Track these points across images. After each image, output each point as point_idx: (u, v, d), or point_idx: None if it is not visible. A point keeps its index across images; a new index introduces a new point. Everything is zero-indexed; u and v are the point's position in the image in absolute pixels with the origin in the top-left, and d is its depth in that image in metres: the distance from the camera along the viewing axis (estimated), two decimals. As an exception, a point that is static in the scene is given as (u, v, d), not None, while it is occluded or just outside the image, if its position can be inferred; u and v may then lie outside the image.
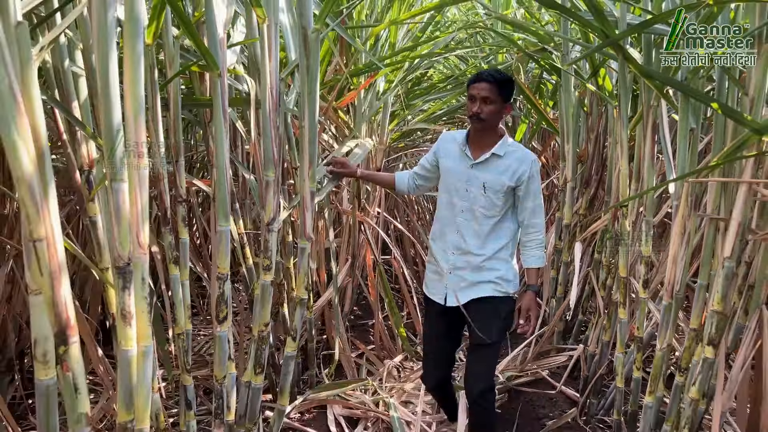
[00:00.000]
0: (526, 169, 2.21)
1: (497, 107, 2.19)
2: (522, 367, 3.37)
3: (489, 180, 2.23)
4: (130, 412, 1.19)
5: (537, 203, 2.27)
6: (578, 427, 2.85)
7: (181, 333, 2.01)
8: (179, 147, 2.11)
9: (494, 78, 2.17)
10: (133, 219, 1.16)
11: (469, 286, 2.29)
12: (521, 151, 2.27)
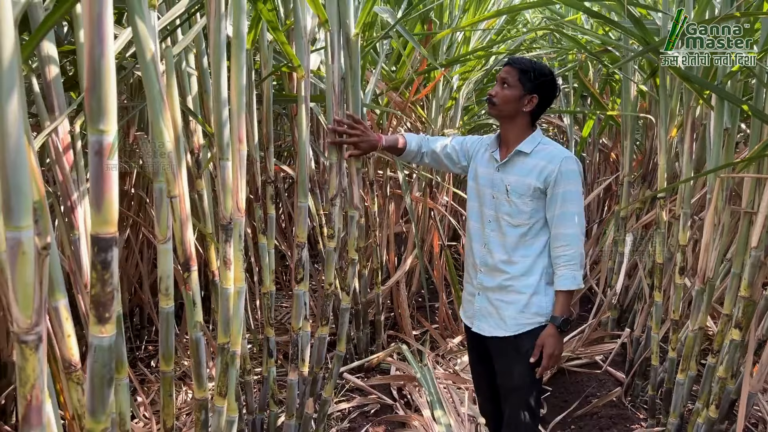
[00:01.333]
0: (554, 168, 1.89)
1: (514, 93, 1.91)
2: (574, 349, 3.58)
3: (513, 182, 1.95)
4: (226, 336, 1.57)
5: (566, 210, 1.89)
6: (622, 405, 3.05)
7: (266, 293, 2.39)
8: (270, 136, 2.50)
9: (517, 62, 1.95)
10: (234, 189, 1.53)
11: (492, 315, 2.02)
12: (553, 148, 1.96)
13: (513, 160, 1.97)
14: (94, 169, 0.86)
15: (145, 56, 1.18)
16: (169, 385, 1.56)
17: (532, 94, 1.92)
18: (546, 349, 1.89)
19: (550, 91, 1.97)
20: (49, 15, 1.05)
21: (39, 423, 0.86)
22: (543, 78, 1.93)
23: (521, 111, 1.94)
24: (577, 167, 1.93)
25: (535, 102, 1.94)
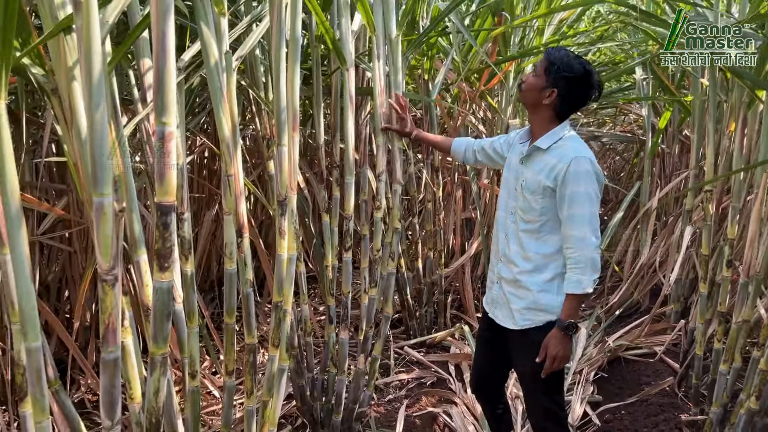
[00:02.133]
0: (563, 168, 1.84)
1: (538, 83, 1.90)
2: (634, 339, 3.62)
3: (528, 178, 1.94)
4: (280, 295, 1.83)
5: (573, 212, 1.85)
6: (673, 394, 3.08)
7: (328, 265, 2.66)
8: (336, 124, 2.75)
9: (550, 53, 1.93)
10: (289, 170, 1.78)
11: (504, 306, 2.06)
12: (569, 146, 1.90)
13: (532, 155, 1.96)
14: (158, 152, 1.13)
15: (210, 60, 1.45)
16: (231, 335, 1.85)
17: (552, 88, 1.88)
18: (549, 351, 1.89)
19: (575, 89, 1.90)
20: (134, 29, 1.33)
21: (114, 342, 1.14)
22: (565, 74, 1.86)
23: (542, 103, 1.91)
24: (588, 167, 1.85)
25: (554, 97, 1.89)
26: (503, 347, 2.13)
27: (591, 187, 1.85)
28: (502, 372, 2.30)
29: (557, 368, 1.92)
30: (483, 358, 2.29)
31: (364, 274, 2.63)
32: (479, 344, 2.35)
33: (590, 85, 1.93)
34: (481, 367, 2.31)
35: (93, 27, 1.03)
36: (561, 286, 1.93)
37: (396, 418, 2.88)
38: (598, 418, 2.97)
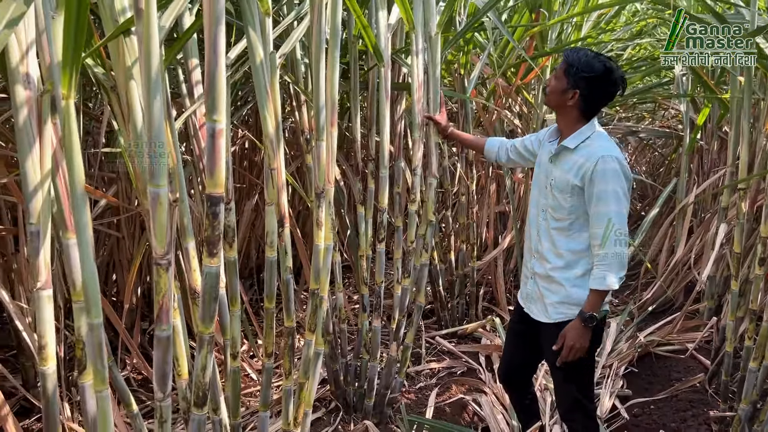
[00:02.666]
0: (590, 167, 1.89)
1: (560, 86, 1.94)
2: (665, 335, 3.62)
3: (557, 177, 1.99)
4: (316, 283, 1.93)
5: (599, 210, 1.89)
6: (704, 391, 3.09)
7: (362, 255, 2.74)
8: (373, 119, 2.83)
9: (568, 55, 1.95)
10: (326, 164, 1.87)
11: (539, 301, 2.11)
12: (597, 144, 1.94)
13: (561, 154, 2.00)
14: (208, 147, 1.23)
15: (255, 60, 1.54)
16: (271, 319, 1.95)
17: (574, 90, 1.91)
18: (567, 341, 1.95)
19: (596, 88, 1.92)
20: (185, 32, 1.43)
21: (167, 321, 1.25)
22: (586, 74, 1.89)
23: (566, 105, 1.95)
24: (615, 166, 1.88)
25: (576, 98, 1.92)
26: (535, 340, 2.18)
27: (618, 185, 1.88)
28: (532, 364, 2.37)
29: (573, 358, 1.97)
30: (514, 349, 2.35)
31: (397, 264, 2.72)
32: (510, 336, 2.41)
33: (612, 82, 1.94)
34: (512, 358, 2.37)
35: (152, 31, 1.12)
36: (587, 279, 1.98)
37: (426, 404, 2.97)
38: (626, 411, 3.00)
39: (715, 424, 2.78)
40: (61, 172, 1.33)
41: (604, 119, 5.60)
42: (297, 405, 1.94)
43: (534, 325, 2.15)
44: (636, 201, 7.51)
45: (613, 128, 5.54)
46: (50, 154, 1.29)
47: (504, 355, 2.44)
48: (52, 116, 1.29)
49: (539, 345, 2.18)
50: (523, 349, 2.29)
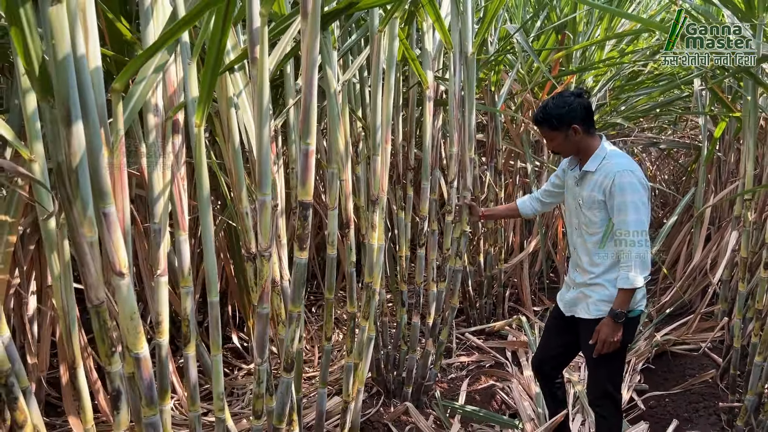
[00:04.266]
0: (608, 183, 2.15)
1: (560, 138, 2.24)
2: (681, 335, 3.88)
3: (585, 197, 2.25)
4: (370, 277, 2.25)
5: (621, 219, 2.14)
6: (715, 386, 3.34)
7: (402, 255, 3.06)
8: (412, 132, 3.15)
9: (538, 119, 2.27)
10: (381, 175, 2.19)
11: (581, 301, 2.34)
12: (613, 162, 2.18)
13: (584, 177, 2.27)
14: (302, 164, 1.55)
15: (330, 90, 1.87)
16: (330, 308, 2.27)
17: (570, 128, 2.19)
18: (600, 335, 2.19)
19: (579, 109, 2.19)
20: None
21: (267, 301, 1.57)
22: (563, 111, 2.18)
23: (577, 142, 2.23)
24: (631, 179, 2.11)
25: (578, 128, 2.19)
26: (573, 334, 2.42)
27: (636, 196, 2.13)
28: (566, 355, 2.63)
29: (608, 351, 2.21)
30: (552, 341, 2.60)
31: (432, 265, 3.02)
32: (548, 330, 2.66)
33: (577, 96, 2.23)
34: (548, 349, 2.61)
35: (264, 74, 1.46)
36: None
37: (458, 393, 3.27)
38: (643, 403, 3.27)
39: (724, 414, 3.03)
40: (176, 181, 1.68)
41: (626, 130, 5.85)
42: (353, 382, 2.25)
43: (572, 322, 2.39)
44: (658, 209, 7.74)
45: (635, 139, 5.80)
46: (170, 167, 1.64)
47: (540, 346, 2.69)
48: (173, 137, 1.63)
49: (575, 340, 2.43)
50: (560, 342, 2.54)
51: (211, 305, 1.57)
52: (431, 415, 2.97)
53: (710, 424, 3.03)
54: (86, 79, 1.11)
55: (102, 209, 1.18)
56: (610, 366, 2.32)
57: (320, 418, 2.28)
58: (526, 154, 4.39)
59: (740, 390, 3.10)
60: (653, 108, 5.15)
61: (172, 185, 1.66)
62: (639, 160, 7.27)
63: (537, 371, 2.72)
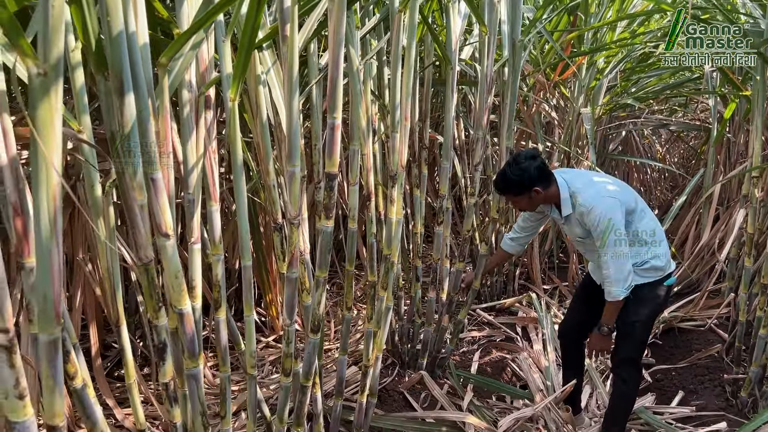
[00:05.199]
0: (586, 221, 2.40)
1: (525, 200, 2.49)
2: (688, 312, 3.97)
3: (578, 232, 2.52)
4: (389, 249, 2.34)
5: (599, 244, 2.38)
6: (721, 360, 3.44)
7: (417, 232, 3.15)
8: (427, 112, 3.22)
9: (500, 189, 2.53)
10: (400, 152, 2.28)
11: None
12: (580, 200, 2.40)
13: (567, 219, 2.50)
14: (328, 137, 1.64)
15: (352, 68, 1.96)
16: (351, 279, 2.38)
17: (531, 190, 2.43)
18: (593, 347, 2.60)
19: (535, 172, 2.41)
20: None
21: (296, 266, 1.68)
22: (525, 178, 2.41)
23: (541, 199, 2.48)
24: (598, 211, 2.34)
25: (539, 189, 2.43)
26: (598, 303, 2.56)
27: (604, 223, 2.34)
28: (592, 322, 2.75)
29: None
30: (580, 307, 2.82)
31: (445, 242, 3.11)
32: (578, 298, 2.90)
33: (530, 158, 2.44)
34: (575, 316, 2.84)
35: (293, 52, 1.54)
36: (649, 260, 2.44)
37: (470, 365, 3.38)
38: (650, 377, 3.37)
39: (728, 386, 3.12)
40: (208, 154, 1.77)
41: (636, 112, 5.89)
42: (372, 349, 2.36)
43: (602, 291, 2.53)
44: (667, 192, 7.79)
45: (644, 121, 5.84)
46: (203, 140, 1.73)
47: (568, 314, 2.93)
48: (205, 112, 1.73)
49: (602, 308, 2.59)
50: (587, 309, 2.74)
51: (244, 269, 1.67)
52: (445, 385, 3.09)
53: (715, 395, 3.13)
54: (136, 54, 1.21)
55: (150, 175, 1.28)
56: (639, 335, 2.54)
57: (340, 383, 2.39)
58: (537, 135, 4.45)
59: (745, 363, 3.19)
60: (664, 89, 5.19)
61: (205, 158, 1.76)
62: (649, 143, 7.30)
63: (562, 337, 2.91)
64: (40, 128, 0.86)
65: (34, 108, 0.86)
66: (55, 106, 0.87)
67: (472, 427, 2.62)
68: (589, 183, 2.47)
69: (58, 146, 0.88)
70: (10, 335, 0.84)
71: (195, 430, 1.53)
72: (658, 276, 2.47)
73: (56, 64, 0.86)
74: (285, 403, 1.84)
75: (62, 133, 1.05)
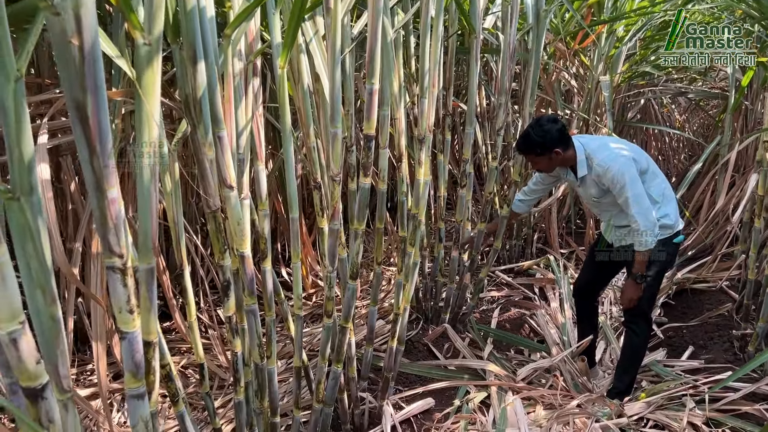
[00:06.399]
0: (604, 180, 2.55)
1: (545, 161, 2.61)
2: (700, 273, 4.12)
3: (593, 193, 2.67)
4: (417, 208, 2.51)
5: (624, 200, 2.51)
6: (730, 318, 3.59)
7: (440, 195, 3.31)
8: (451, 79, 3.36)
9: (522, 149, 2.65)
10: (428, 116, 2.44)
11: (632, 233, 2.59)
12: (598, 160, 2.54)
13: (583, 180, 2.65)
14: (367, 102, 1.81)
15: (387, 38, 2.11)
16: (380, 236, 2.55)
17: (552, 152, 2.56)
18: (625, 295, 2.64)
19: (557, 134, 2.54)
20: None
21: (337, 218, 1.86)
22: (547, 139, 2.54)
23: (559, 161, 2.61)
24: (614, 169, 2.48)
25: (559, 151, 2.55)
26: (611, 261, 2.76)
27: (626, 179, 2.48)
28: (606, 280, 2.99)
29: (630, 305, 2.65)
30: (592, 266, 2.96)
31: (467, 205, 3.28)
32: (589, 258, 3.02)
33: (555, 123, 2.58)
34: (590, 274, 2.99)
35: (337, 22, 1.70)
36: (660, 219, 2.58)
37: (490, 321, 3.57)
38: (662, 334, 3.54)
39: (736, 341, 3.29)
40: (255, 118, 1.95)
41: (655, 80, 5.95)
42: (402, 299, 2.55)
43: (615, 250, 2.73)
44: (686, 161, 7.85)
45: (663, 89, 5.90)
46: (251, 105, 1.90)
47: (581, 273, 3.08)
48: (253, 79, 1.89)
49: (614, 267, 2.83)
50: (601, 267, 2.90)
51: (291, 221, 1.86)
52: (467, 338, 3.28)
53: (723, 350, 3.29)
54: (206, 26, 1.38)
55: (217, 133, 1.46)
56: (649, 290, 2.70)
57: (371, 332, 2.58)
58: (557, 102, 4.57)
59: (753, 321, 3.34)
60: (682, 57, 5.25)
61: (252, 121, 1.93)
62: (668, 111, 7.35)
63: (576, 295, 3.07)
64: (145, 88, 1.04)
65: (141, 72, 1.04)
66: (156, 71, 1.05)
67: (493, 374, 2.83)
68: (603, 146, 2.61)
69: (158, 103, 1.06)
70: (125, 260, 1.03)
71: (252, 358, 1.74)
72: (667, 234, 2.63)
73: (158, 37, 1.03)
74: (327, 342, 2.04)
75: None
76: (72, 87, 0.90)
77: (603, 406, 2.66)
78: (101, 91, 0.91)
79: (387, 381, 2.54)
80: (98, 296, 1.88)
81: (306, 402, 2.47)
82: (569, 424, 2.46)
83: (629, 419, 2.54)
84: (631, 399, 2.76)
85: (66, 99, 0.92)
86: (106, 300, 2.10)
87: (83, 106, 0.91)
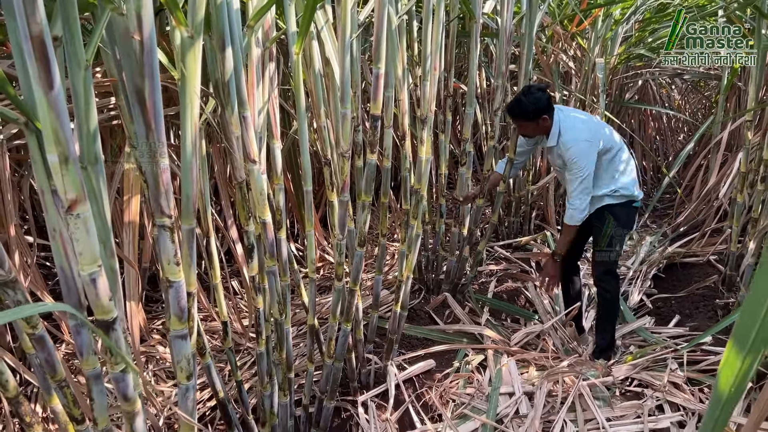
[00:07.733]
0: (565, 156, 2.83)
1: (532, 126, 2.85)
2: (690, 247, 4.31)
3: (557, 164, 3.00)
4: (419, 184, 2.70)
5: (571, 175, 2.82)
6: (716, 289, 3.79)
7: (442, 173, 3.50)
8: (452, 62, 3.53)
9: (515, 113, 2.86)
10: (430, 97, 2.61)
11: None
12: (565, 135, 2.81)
13: (551, 149, 2.93)
14: (374, 84, 1.99)
15: (392, 25, 2.28)
16: (385, 210, 2.74)
17: (540, 118, 2.81)
18: (543, 273, 3.06)
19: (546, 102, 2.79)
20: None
21: (346, 192, 2.05)
22: (539, 105, 2.78)
23: (544, 127, 2.86)
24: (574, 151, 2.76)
25: (546, 118, 2.81)
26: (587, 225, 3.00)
27: (581, 161, 2.76)
28: (578, 247, 3.21)
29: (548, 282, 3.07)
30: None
31: (467, 182, 3.46)
32: None
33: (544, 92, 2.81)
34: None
35: (347, 11, 1.88)
36: (619, 189, 2.88)
37: (488, 292, 3.78)
38: (651, 304, 3.75)
39: (720, 310, 3.49)
40: (271, 100, 2.13)
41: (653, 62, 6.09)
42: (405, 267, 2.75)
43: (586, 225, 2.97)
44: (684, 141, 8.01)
45: (660, 70, 6.04)
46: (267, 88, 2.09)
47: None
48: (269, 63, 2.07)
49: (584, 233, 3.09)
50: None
51: (306, 193, 2.05)
52: (467, 307, 3.49)
53: (708, 318, 3.50)
54: (233, 17, 1.56)
55: (242, 113, 1.64)
56: (613, 246, 2.99)
57: (376, 298, 2.79)
58: (555, 84, 4.72)
59: (736, 290, 3.54)
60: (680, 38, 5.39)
61: (268, 103, 2.12)
62: (666, 92, 7.48)
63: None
64: (188, 71, 1.23)
65: (184, 58, 1.22)
66: (197, 57, 1.23)
67: (489, 338, 3.04)
68: (573, 126, 2.84)
69: (199, 83, 1.25)
70: (173, 219, 1.23)
71: (273, 314, 1.94)
72: (626, 199, 2.92)
73: (199, 29, 1.22)
74: (337, 303, 2.24)
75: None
76: (133, 74, 1.09)
77: (591, 367, 2.87)
78: (156, 78, 1.10)
79: (391, 343, 2.75)
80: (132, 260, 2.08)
81: (317, 363, 2.68)
82: (559, 383, 2.67)
83: (615, 378, 2.75)
84: (618, 362, 2.97)
85: (126, 85, 1.11)
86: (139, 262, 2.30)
87: (141, 90, 1.10)
